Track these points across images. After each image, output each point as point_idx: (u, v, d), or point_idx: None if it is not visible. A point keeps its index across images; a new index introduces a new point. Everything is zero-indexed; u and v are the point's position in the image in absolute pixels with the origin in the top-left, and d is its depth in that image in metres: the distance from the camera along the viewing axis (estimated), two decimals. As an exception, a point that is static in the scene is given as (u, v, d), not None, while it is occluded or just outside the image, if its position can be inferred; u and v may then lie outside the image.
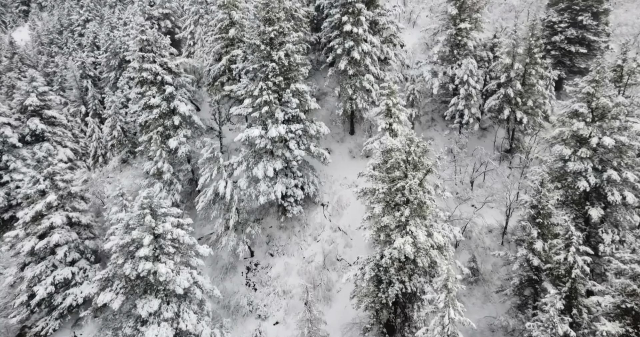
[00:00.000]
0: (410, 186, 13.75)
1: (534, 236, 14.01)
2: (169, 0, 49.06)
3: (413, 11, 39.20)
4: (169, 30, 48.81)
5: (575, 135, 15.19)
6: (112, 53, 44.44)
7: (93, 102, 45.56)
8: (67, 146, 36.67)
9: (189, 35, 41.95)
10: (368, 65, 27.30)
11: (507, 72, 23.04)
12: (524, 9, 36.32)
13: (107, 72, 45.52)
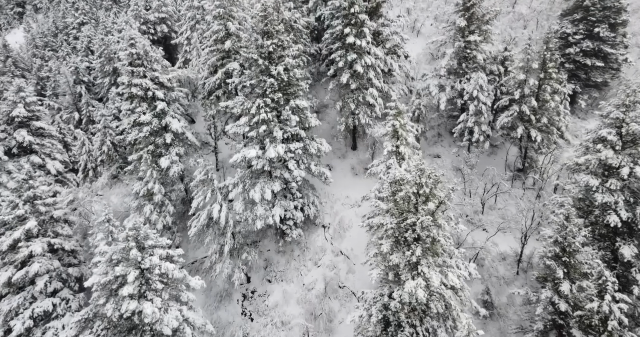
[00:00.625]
0: (422, 222, 12.49)
1: (560, 277, 12.77)
2: (165, 4, 48.94)
3: (417, 20, 38.24)
4: (165, 34, 48.72)
5: (604, 164, 14.01)
6: (106, 58, 43.54)
7: (87, 109, 44.17)
8: (56, 158, 35.43)
9: (185, 41, 41.34)
10: (371, 78, 26.18)
11: (521, 88, 21.91)
12: (532, 18, 35.35)
13: (102, 78, 44.71)
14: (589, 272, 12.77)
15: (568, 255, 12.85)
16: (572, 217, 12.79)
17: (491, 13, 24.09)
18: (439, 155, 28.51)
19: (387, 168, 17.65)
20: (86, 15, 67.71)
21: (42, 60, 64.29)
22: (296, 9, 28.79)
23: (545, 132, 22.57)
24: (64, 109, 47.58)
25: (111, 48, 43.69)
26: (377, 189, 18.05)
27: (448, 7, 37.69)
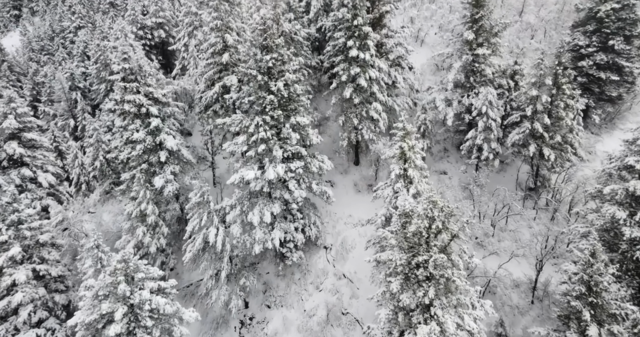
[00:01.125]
0: (435, 260, 11.49)
1: (587, 319, 11.78)
2: (162, 9, 48.73)
3: (421, 29, 37.49)
4: (163, 40, 48.62)
5: (631, 195, 13.07)
6: (102, 64, 42.97)
7: (82, 116, 43.55)
8: (48, 171, 34.58)
9: (182, 48, 41.03)
10: (375, 92, 25.33)
11: (533, 104, 21.01)
12: (540, 27, 34.59)
13: (98, 84, 44.06)
14: (618, 313, 11.78)
15: (595, 295, 11.87)
16: (599, 253, 11.82)
17: (500, 25, 23.28)
18: (445, 171, 27.56)
19: (395, 192, 16.69)
20: (83, 19, 67.13)
21: (38, 64, 64.17)
22: (296, 19, 28.03)
23: (559, 150, 21.64)
24: (59, 116, 47.03)
25: (107, 54, 43.00)
26: (384, 214, 17.09)
27: (453, 15, 36.98)
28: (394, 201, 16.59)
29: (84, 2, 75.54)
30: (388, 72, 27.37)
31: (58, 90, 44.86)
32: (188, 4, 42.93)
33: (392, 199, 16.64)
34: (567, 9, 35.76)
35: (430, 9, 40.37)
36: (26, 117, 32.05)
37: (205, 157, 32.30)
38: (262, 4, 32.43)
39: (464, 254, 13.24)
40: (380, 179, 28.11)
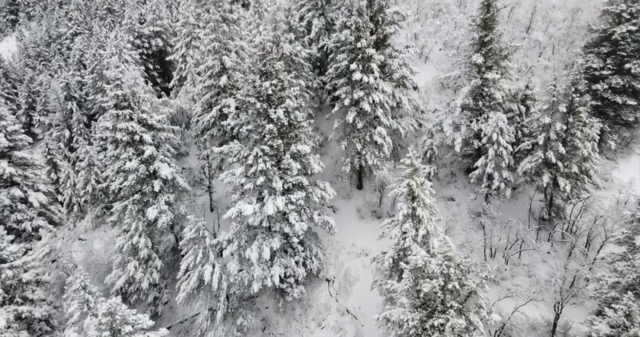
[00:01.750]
0: (453, 325, 10.47)
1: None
2: (160, 18, 48.67)
3: (425, 45, 36.85)
4: (160, 48, 48.53)
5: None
6: (98, 74, 42.45)
7: (78, 126, 43.05)
8: (39, 190, 33.80)
9: (180, 58, 40.91)
10: (379, 116, 24.51)
11: (546, 131, 20.15)
12: (549, 45, 33.93)
13: (93, 94, 43.70)
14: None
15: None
16: (635, 316, 10.83)
17: (510, 48, 22.53)
18: (453, 198, 26.62)
19: (403, 233, 15.74)
20: (79, 26, 67.35)
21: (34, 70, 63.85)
22: (297, 39, 27.33)
23: (574, 179, 20.72)
24: (54, 126, 46.48)
25: (104, 63, 42.09)
26: (391, 256, 16.12)
27: (457, 32, 36.38)
28: (402, 243, 15.63)
29: (81, 8, 75.49)
30: (392, 94, 26.61)
31: (53, 101, 44.41)
32: (186, 14, 42.60)
33: (400, 240, 15.68)
34: (575, 24, 35.17)
35: (434, 24, 39.78)
36: (17, 135, 31.48)
37: (202, 180, 31.40)
38: (262, 21, 31.91)
39: (482, 310, 12.23)
40: (385, 206, 27.19)
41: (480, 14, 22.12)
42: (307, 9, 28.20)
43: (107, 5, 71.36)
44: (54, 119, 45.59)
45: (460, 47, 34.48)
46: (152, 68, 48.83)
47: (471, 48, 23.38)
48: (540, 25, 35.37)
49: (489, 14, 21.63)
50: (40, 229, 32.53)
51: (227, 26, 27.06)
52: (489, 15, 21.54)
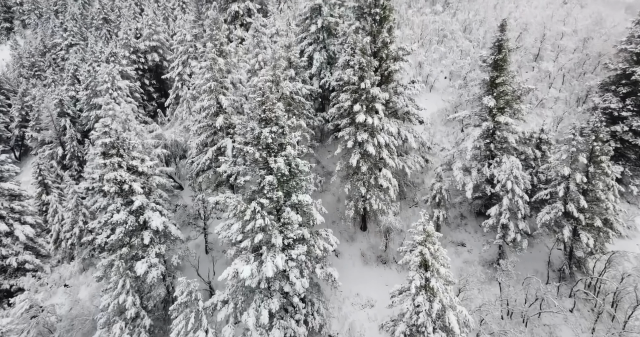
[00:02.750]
0: None
1: None
2: (156, 32, 48.98)
3: (430, 74, 36.17)
4: (157, 63, 48.72)
5: None
6: (92, 91, 42.57)
7: (71, 144, 43.02)
8: (26, 222, 32.86)
9: (177, 77, 41.06)
10: (385, 158, 23.53)
11: (565, 182, 19.10)
12: (559, 76, 33.21)
13: (87, 111, 43.72)
14: None
15: None
16: None
17: (522, 89, 21.68)
18: (463, 243, 25.44)
19: (416, 306, 14.52)
20: (75, 37, 67.79)
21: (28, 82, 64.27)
22: (297, 74, 26.56)
23: (597, 231, 19.60)
24: (47, 144, 46.07)
25: (98, 79, 41.79)
26: (403, 332, 14.86)
27: (464, 61, 35.75)
28: (415, 318, 14.40)
29: (76, 18, 75.86)
30: (398, 132, 25.72)
31: (46, 118, 43.86)
32: (182, 32, 42.95)
33: (413, 315, 14.46)
34: (587, 51, 34.50)
35: (438, 51, 39.21)
36: (3, 166, 30.93)
37: (197, 218, 30.25)
38: (261, 49, 31.29)
39: None
40: (391, 251, 25.98)
41: (492, 55, 21.34)
42: (308, 43, 27.53)
43: (103, 15, 71.98)
44: (46, 136, 45.12)
45: (467, 77, 33.83)
46: (149, 83, 49.13)
47: (482, 88, 22.54)
48: (549, 54, 34.73)
49: (500, 55, 20.83)
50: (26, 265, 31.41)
51: (223, 59, 26.43)
52: (500, 57, 20.74)
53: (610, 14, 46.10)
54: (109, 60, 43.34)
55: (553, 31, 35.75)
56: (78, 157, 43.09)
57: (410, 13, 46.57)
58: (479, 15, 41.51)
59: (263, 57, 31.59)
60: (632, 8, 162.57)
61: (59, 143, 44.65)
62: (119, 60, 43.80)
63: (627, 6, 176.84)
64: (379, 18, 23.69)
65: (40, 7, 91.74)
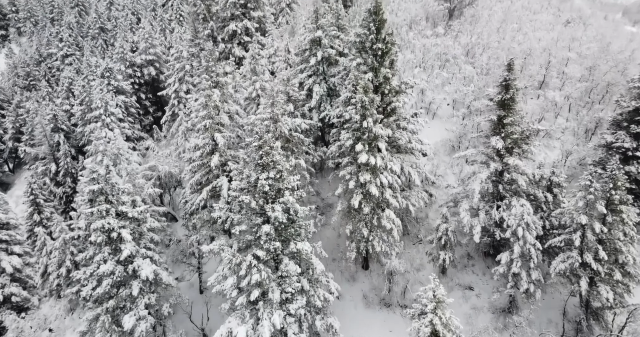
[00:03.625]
0: None
1: None
2: (153, 46, 48.83)
3: (433, 101, 35.55)
4: (153, 77, 48.54)
5: None
6: (87, 106, 42.17)
7: (65, 160, 42.27)
8: (13, 252, 31.85)
9: (173, 94, 40.80)
10: (388, 199, 22.65)
11: (582, 231, 18.21)
12: (565, 105, 32.60)
13: (82, 126, 43.13)
14: None
15: None
16: None
17: (532, 130, 20.94)
18: (471, 287, 24.39)
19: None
20: (70, 47, 67.44)
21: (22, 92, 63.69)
22: (296, 108, 25.84)
23: (615, 283, 18.63)
24: (40, 159, 45.20)
25: (93, 95, 42.25)
26: None
27: (467, 88, 35.17)
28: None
29: (72, 27, 75.60)
30: (401, 168, 24.91)
31: (39, 133, 43.34)
32: (179, 48, 42.60)
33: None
34: (593, 77, 33.96)
35: (441, 76, 38.71)
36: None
37: (192, 254, 29.16)
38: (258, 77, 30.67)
39: None
40: (395, 294, 24.89)
41: (499, 93, 20.66)
42: (308, 75, 26.89)
43: (100, 25, 72.17)
44: (40, 151, 44.56)
45: (471, 106, 33.21)
46: (145, 97, 49.19)
47: (489, 128, 21.79)
48: (555, 82, 34.19)
49: (507, 94, 20.15)
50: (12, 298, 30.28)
51: (219, 91, 25.76)
52: (508, 96, 20.04)
53: (614, 34, 45.97)
54: (104, 75, 43.24)
55: (558, 58, 35.29)
56: (72, 173, 42.39)
57: (412, 35, 46.28)
58: (482, 40, 41.15)
59: (261, 84, 30.98)
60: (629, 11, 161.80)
61: (53, 159, 44.03)
62: (114, 75, 43.70)
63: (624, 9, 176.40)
64: (381, 53, 23.08)
65: (36, 14, 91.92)
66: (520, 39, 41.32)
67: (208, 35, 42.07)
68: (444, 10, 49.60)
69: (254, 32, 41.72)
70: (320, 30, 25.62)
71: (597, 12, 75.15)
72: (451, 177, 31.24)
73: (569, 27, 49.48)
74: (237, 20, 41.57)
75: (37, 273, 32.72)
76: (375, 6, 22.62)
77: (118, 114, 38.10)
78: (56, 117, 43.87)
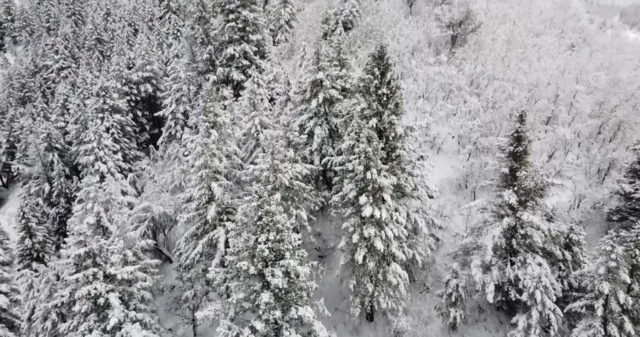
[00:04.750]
0: None
1: None
2: (150, 63, 48.60)
3: (438, 136, 34.74)
4: (150, 94, 48.32)
5: None
6: (82, 125, 42.27)
7: (58, 180, 41.39)
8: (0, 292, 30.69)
9: (170, 115, 41.18)
10: (394, 252, 21.58)
11: (605, 300, 17.08)
12: (574, 142, 31.77)
13: (77, 145, 43.05)
14: None
15: None
16: None
17: (546, 183, 20.00)
18: (484, 345, 23.13)
19: None
20: (66, 60, 67.73)
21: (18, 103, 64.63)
22: (297, 151, 24.93)
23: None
24: (34, 179, 44.30)
25: (88, 114, 42.55)
26: None
27: (472, 122, 34.40)
28: None
29: (68, 38, 75.48)
30: (407, 215, 23.93)
31: (33, 153, 42.62)
32: (177, 68, 42.54)
33: None
34: (602, 111, 33.27)
35: (445, 108, 38.01)
36: None
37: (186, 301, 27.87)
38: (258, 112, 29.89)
39: None
40: (402, 351, 23.62)
41: (510, 145, 19.77)
42: (309, 117, 26.08)
43: (96, 36, 72.29)
44: (33, 171, 43.74)
45: (477, 143, 32.37)
46: (141, 114, 48.92)
47: (500, 178, 20.85)
48: (564, 117, 33.43)
49: (520, 147, 19.27)
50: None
51: (217, 131, 24.97)
52: (520, 149, 19.16)
53: (621, 61, 45.51)
54: (99, 94, 43.14)
55: (566, 91, 34.65)
56: (66, 193, 41.77)
57: (414, 64, 45.78)
58: (486, 69, 40.63)
59: (260, 119, 30.21)
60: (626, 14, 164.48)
61: (46, 178, 43.45)
62: (109, 94, 43.55)
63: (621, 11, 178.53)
64: (386, 98, 22.31)
65: (32, 23, 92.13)
66: (525, 67, 40.80)
67: (206, 59, 41.64)
68: (447, 37, 49.24)
69: (252, 55, 41.44)
70: (321, 71, 24.93)
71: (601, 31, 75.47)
72: (458, 218, 30.21)
73: (574, 53, 49.09)
74: (235, 44, 41.26)
75: (25, 313, 31.46)
76: (380, 51, 21.94)
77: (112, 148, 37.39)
78: (50, 135, 43.48)
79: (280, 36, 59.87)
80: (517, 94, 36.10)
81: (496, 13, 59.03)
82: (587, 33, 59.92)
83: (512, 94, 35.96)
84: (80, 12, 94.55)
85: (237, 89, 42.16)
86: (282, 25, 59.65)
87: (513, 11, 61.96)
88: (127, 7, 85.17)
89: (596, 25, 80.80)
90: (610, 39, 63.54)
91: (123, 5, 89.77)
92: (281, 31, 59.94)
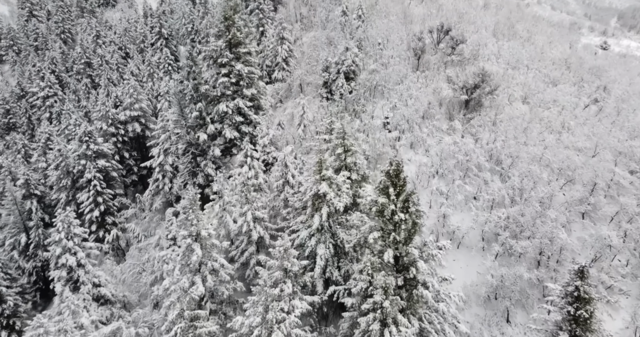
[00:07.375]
0: None
1: None
2: (138, 101, 47.46)
3: (458, 229, 31.07)
4: (138, 134, 47.38)
5: None
6: (63, 172, 41.59)
7: (36, 231, 39.87)
8: None
9: (158, 167, 41.35)
10: None
11: None
12: (623, 248, 28.00)
13: (57, 192, 42.42)
14: None
15: None
16: None
17: None
18: None
19: None
20: (52, 88, 67.20)
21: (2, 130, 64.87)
22: (296, 279, 21.23)
23: None
24: (9, 230, 41.88)
25: (69, 160, 41.66)
26: None
27: (497, 213, 30.89)
28: None
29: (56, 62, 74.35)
30: None
31: (9, 202, 40.50)
32: (165, 116, 41.34)
33: None
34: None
35: (463, 190, 34.59)
36: None
37: None
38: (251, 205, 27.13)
39: None
40: None
41: (568, 305, 16.04)
42: (309, 235, 22.52)
43: (85, 59, 71.77)
44: (8, 221, 41.47)
45: (505, 244, 28.71)
46: (129, 156, 47.76)
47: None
48: (605, 210, 29.86)
49: (582, 311, 15.54)
50: None
51: (200, 247, 21.67)
52: (586, 316, 15.42)
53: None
54: (82, 140, 42.02)
55: (605, 178, 31.36)
56: (44, 245, 39.90)
57: (426, 132, 42.85)
58: (507, 145, 37.62)
59: (253, 214, 27.33)
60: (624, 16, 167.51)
61: (23, 229, 41.55)
62: (94, 139, 42.52)
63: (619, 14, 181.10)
64: (404, 226, 18.87)
65: (20, 42, 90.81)
66: (551, 141, 37.72)
67: (196, 117, 39.05)
68: (461, 100, 46.60)
69: (247, 110, 39.36)
70: (324, 182, 21.64)
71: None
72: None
73: (599, 113, 46.19)
74: (228, 99, 38.86)
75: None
76: (396, 169, 18.73)
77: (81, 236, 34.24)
78: (29, 182, 41.97)
79: (277, 74, 58.06)
80: (546, 177, 32.87)
81: (509, 58, 56.45)
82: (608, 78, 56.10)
83: (540, 177, 32.74)
84: (70, 30, 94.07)
85: (231, 148, 40.60)
86: (279, 62, 57.98)
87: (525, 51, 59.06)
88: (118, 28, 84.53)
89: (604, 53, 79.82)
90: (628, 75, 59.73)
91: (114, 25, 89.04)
92: (278, 69, 58.24)
